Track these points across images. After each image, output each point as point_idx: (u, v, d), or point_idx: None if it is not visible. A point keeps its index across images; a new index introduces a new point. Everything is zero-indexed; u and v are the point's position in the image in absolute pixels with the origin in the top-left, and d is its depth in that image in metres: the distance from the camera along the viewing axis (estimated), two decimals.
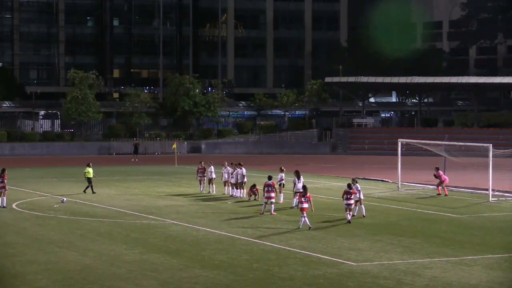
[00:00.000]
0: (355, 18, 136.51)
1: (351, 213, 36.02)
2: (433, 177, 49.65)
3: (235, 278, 24.68)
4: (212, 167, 49.40)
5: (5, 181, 42.23)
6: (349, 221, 35.66)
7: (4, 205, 41.47)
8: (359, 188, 37.51)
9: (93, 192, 48.13)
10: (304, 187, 35.62)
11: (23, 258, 27.70)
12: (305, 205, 33.73)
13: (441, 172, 49.23)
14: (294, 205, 40.47)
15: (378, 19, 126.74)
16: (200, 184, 49.79)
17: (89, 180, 48.55)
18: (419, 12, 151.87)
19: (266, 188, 39.13)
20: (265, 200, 39.15)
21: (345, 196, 35.84)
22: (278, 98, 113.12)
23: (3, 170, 42.64)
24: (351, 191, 35.88)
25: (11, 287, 23.54)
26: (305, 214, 33.79)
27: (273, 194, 39.04)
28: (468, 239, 32.18)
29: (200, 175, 49.88)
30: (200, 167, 50.16)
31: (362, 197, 37.93)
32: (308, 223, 33.79)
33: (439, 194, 48.38)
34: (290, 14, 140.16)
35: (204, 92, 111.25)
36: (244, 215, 38.71)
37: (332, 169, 70.52)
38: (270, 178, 39.69)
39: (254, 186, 44.99)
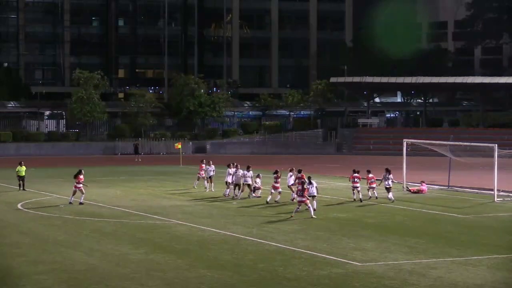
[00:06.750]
0: (360, 18, 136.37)
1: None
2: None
3: (240, 278, 24.69)
4: (209, 167, 50.60)
5: (81, 181, 42.84)
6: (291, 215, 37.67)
7: (70, 201, 42.90)
8: (315, 185, 39.08)
9: (24, 189, 49.44)
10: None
11: (29, 258, 27.74)
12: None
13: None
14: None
15: (383, 19, 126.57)
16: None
17: (21, 178, 50.03)
18: (424, 12, 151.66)
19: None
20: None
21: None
22: (283, 98, 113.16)
23: (79, 172, 43.32)
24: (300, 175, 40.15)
25: (17, 287, 23.59)
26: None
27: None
28: (473, 239, 32.15)
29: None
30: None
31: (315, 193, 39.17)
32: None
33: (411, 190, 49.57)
34: (295, 14, 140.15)
35: (209, 92, 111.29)
36: (249, 216, 38.71)
37: (337, 169, 70.44)
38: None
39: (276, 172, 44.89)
